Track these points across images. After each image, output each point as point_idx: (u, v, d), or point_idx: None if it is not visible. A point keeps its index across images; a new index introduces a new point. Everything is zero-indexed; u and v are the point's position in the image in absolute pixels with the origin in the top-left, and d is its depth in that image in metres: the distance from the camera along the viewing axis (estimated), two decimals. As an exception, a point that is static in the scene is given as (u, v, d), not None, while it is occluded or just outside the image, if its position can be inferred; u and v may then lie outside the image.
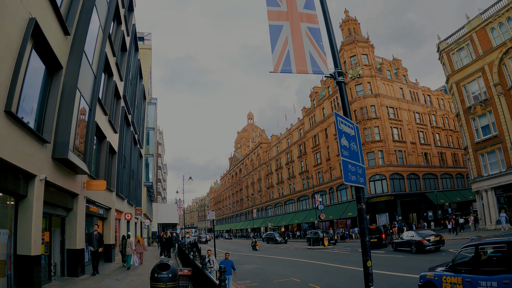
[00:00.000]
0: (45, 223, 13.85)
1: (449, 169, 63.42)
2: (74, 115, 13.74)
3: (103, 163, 21.11)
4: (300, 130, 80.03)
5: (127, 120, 31.91)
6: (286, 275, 20.22)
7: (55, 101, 12.65)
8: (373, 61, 61.30)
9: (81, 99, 14.78)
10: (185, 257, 17.22)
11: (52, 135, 12.61)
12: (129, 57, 31.19)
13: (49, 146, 12.46)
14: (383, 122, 56.37)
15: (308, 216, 69.16)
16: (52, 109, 12.46)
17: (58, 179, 13.41)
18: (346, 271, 20.45)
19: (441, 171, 61.76)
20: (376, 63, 61.82)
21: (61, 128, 12.96)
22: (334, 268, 22.06)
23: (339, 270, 21.22)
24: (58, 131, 12.91)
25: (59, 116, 13.06)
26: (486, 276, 7.90)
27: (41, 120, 12.06)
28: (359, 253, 30.39)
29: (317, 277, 19.14)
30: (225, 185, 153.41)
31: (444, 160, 63.70)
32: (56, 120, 12.95)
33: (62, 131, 12.95)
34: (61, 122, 13.01)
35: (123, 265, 22.03)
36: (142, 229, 49.05)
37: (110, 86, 23.16)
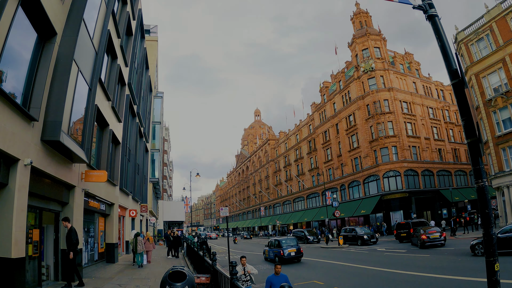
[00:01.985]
0: (34, 218, 11.75)
1: (463, 165, 61.54)
2: (70, 92, 11.66)
3: (105, 153, 19.02)
4: (309, 126, 78.19)
5: (132, 110, 30.07)
6: (307, 277, 18.12)
7: (46, 73, 10.51)
8: (385, 54, 59.62)
9: (78, 75, 12.66)
10: (198, 259, 14.90)
11: (42, 114, 10.56)
12: (134, 43, 29.29)
13: (37, 125, 10.36)
14: (397, 116, 54.58)
15: (319, 214, 67.41)
16: (42, 82, 10.31)
17: (49, 166, 11.30)
18: (372, 272, 18.48)
19: (455, 168, 59.98)
20: (388, 57, 59.98)
21: (53, 105, 10.87)
22: (357, 270, 19.88)
23: (364, 271, 19.17)
24: (49, 108, 10.83)
25: (52, 91, 11.00)
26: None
27: (29, 94, 9.93)
28: (379, 253, 28.40)
29: (341, 279, 17.33)
30: (232, 183, 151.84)
31: (458, 156, 62.02)
32: (48, 96, 10.91)
33: (54, 108, 10.86)
34: (53, 98, 10.94)
35: (133, 263, 21.77)
36: (148, 226, 47.28)
37: (114, 69, 21.18)
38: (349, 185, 62.11)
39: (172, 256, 28.58)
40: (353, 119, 60.82)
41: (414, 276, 15.89)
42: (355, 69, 60.60)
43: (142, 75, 35.31)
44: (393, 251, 28.85)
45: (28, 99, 9.90)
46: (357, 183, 59.55)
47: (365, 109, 57.48)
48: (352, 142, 61.49)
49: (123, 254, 27.71)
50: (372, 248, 33.21)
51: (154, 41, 56.25)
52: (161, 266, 21.49)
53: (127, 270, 18.81)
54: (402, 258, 23.39)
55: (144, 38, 36.91)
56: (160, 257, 28.27)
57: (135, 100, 30.55)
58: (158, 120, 53.87)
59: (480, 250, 20.14)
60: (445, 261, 20.35)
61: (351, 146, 61.52)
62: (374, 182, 55.26)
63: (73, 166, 13.73)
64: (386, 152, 54.07)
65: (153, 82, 50.54)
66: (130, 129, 29.74)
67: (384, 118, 54.69)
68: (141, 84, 34.97)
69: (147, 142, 43.12)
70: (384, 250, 30.22)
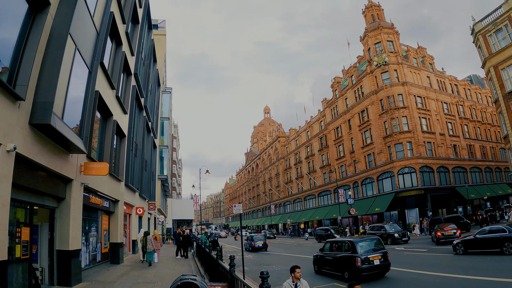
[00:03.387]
0: (23, 215, 10.26)
1: (478, 162, 59.88)
2: (65, 71, 10.21)
3: (108, 145, 17.55)
4: (321, 123, 76.56)
5: (139, 102, 28.75)
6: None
7: (36, 46, 9.03)
8: (399, 48, 57.92)
9: (76, 54, 11.21)
10: (211, 262, 13.24)
11: (31, 94, 9.13)
12: (141, 32, 27.96)
13: (24, 107, 8.91)
14: (411, 111, 52.80)
15: (331, 212, 65.84)
16: (31, 57, 8.83)
17: (39, 155, 9.82)
18: (415, 276, 16.60)
19: (470, 164, 58.13)
20: (401, 51, 58.27)
21: (44, 84, 9.41)
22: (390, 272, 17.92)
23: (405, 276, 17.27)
24: (39, 88, 9.38)
25: (43, 68, 9.56)
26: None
27: (15, 69, 8.47)
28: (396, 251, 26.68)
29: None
30: (241, 181, 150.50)
31: (472, 153, 60.19)
32: (39, 74, 9.49)
33: (45, 88, 9.39)
34: (44, 76, 9.49)
35: (142, 260, 21.96)
36: (156, 225, 46.06)
37: (119, 56, 19.80)
38: (362, 182, 60.42)
39: (181, 256, 27.16)
40: (366, 114, 59.16)
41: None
42: (368, 63, 59.00)
43: (149, 67, 34.04)
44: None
45: (14, 75, 8.44)
46: (371, 180, 57.92)
47: (378, 104, 55.86)
48: (365, 138, 59.85)
49: (129, 254, 26.33)
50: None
51: (162, 35, 55.11)
52: (169, 267, 20.04)
53: (132, 272, 17.32)
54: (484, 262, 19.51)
55: (151, 29, 35.63)
56: (169, 257, 26.86)
57: (142, 92, 29.25)
58: (167, 116, 52.72)
59: (461, 249, 21.84)
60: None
61: (364, 142, 59.90)
62: (388, 179, 53.59)
63: (70, 157, 12.28)
64: (400, 148, 52.34)
65: (161, 76, 49.35)
66: (137, 122, 28.45)
67: (398, 113, 52.96)
68: (149, 76, 33.69)
69: (155, 138, 41.84)
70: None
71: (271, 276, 17.81)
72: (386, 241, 34.03)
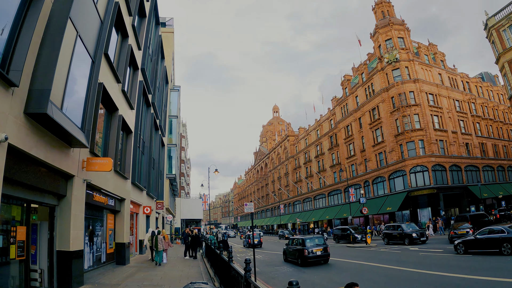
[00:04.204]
0: (19, 213, 9.53)
1: (491, 161, 58.81)
2: (64, 58, 9.47)
3: (113, 141, 16.78)
4: (330, 121, 75.78)
5: (147, 99, 28.08)
6: (338, 281, 15.65)
7: (33, 30, 8.27)
8: (410, 44, 56.98)
9: (77, 41, 10.46)
10: (222, 265, 12.29)
11: (26, 82, 8.38)
12: (148, 27, 27.29)
13: (19, 94, 8.15)
14: (423, 109, 51.98)
15: (341, 212, 65.21)
16: (27, 41, 8.07)
17: (36, 148, 9.04)
18: (415, 275, 15.82)
19: (483, 163, 57.05)
20: (412, 47, 57.20)
21: (40, 70, 8.65)
22: (397, 272, 17.04)
23: (404, 274, 16.60)
24: (36, 75, 8.61)
25: (40, 54, 8.80)
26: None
27: (8, 54, 7.70)
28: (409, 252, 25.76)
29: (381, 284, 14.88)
30: (250, 180, 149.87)
31: (485, 151, 59.10)
32: (36, 60, 8.73)
33: (42, 74, 8.61)
34: (41, 62, 8.72)
35: (151, 260, 22.09)
36: (164, 224, 45.41)
37: (124, 49, 19.10)
38: (373, 181, 59.54)
39: (189, 256, 26.37)
40: (377, 112, 58.30)
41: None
42: (379, 60, 58.12)
43: (157, 64, 33.39)
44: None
45: (7, 60, 7.68)
46: (382, 179, 57.01)
47: (389, 101, 54.97)
48: (376, 136, 58.94)
49: (136, 255, 25.61)
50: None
51: (170, 32, 54.56)
52: (177, 268, 19.22)
53: (139, 273, 16.51)
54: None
55: (159, 25, 34.97)
56: (177, 258, 26.08)
57: (150, 88, 28.60)
58: (175, 114, 52.07)
59: (462, 249, 22.20)
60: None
61: (375, 140, 59.00)
62: (400, 178, 52.70)
63: (72, 151, 11.52)
64: (412, 146, 51.46)
65: (170, 74, 48.74)
66: (144, 119, 27.80)
67: (410, 111, 52.08)
68: (156, 72, 33.05)
69: (163, 136, 41.16)
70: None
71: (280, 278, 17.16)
72: (403, 241, 32.73)
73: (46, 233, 11.15)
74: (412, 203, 50.25)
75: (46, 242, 11.11)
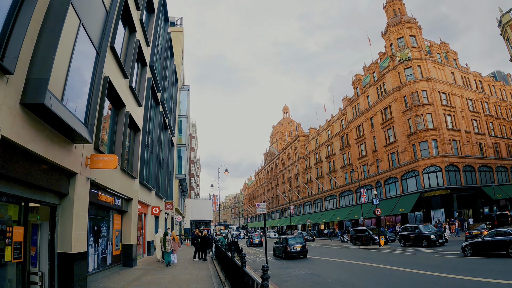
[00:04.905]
0: (16, 212, 8.88)
1: (504, 161, 57.62)
2: (66, 47, 8.90)
3: (120, 139, 16.11)
4: (341, 121, 74.92)
5: (155, 97, 27.53)
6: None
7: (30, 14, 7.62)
8: (422, 43, 56.05)
9: (80, 30, 9.84)
10: (233, 269, 11.49)
11: (24, 70, 7.76)
12: (157, 23, 26.73)
13: (15, 83, 7.50)
14: (436, 108, 50.99)
15: (352, 213, 64.31)
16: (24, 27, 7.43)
17: (34, 142, 8.38)
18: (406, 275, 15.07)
19: (496, 163, 55.94)
20: (424, 46, 56.21)
21: (39, 58, 8.01)
22: (378, 270, 16.32)
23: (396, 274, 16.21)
24: (34, 63, 7.97)
25: (39, 42, 8.17)
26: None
27: (4, 39, 7.04)
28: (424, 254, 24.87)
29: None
30: (260, 181, 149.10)
31: (498, 151, 58.00)
32: (34, 48, 8.10)
33: (40, 63, 7.97)
34: (40, 50, 8.09)
35: (161, 261, 22.12)
36: (174, 225, 44.88)
37: (132, 44, 18.48)
38: (385, 182, 58.54)
39: (199, 258, 25.74)
40: (389, 112, 57.38)
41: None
42: (390, 59, 57.25)
43: (166, 61, 32.86)
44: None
45: (2, 45, 7.03)
46: (394, 179, 56.04)
47: (402, 101, 54.08)
48: (388, 136, 58.01)
49: (144, 256, 24.99)
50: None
51: (180, 31, 54.11)
52: (186, 271, 18.50)
53: (146, 276, 15.80)
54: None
55: (167, 22, 34.36)
56: (186, 259, 25.45)
57: (159, 86, 28.04)
58: (185, 114, 51.61)
59: (469, 251, 22.04)
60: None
61: (387, 140, 58.07)
62: (412, 178, 51.73)
63: (74, 148, 10.85)
64: (425, 146, 50.50)
65: (179, 74, 48.24)
66: (153, 117, 27.27)
67: (423, 110, 51.15)
68: (166, 71, 32.51)
69: (173, 135, 40.64)
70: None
71: (295, 282, 16.42)
72: (420, 243, 31.32)
73: (47, 234, 10.49)
74: (425, 204, 49.24)
75: (47, 243, 10.45)
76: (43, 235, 10.45)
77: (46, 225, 10.53)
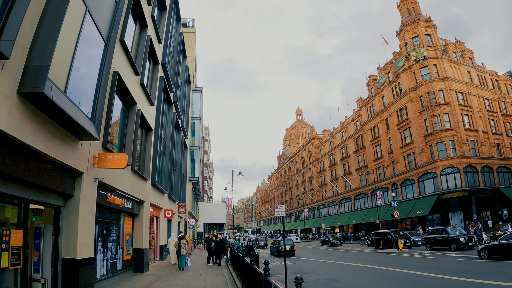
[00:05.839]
0: (15, 214, 8.09)
1: (522, 162, 55.40)
2: (70, 33, 8.14)
3: (130, 138, 15.30)
4: (356, 123, 73.61)
5: (168, 97, 26.83)
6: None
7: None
8: (437, 42, 54.72)
9: (86, 17, 9.09)
10: (253, 276, 10.49)
11: (22, 56, 7.02)
12: (169, 21, 26.05)
13: (12, 70, 6.74)
14: (453, 108, 49.54)
15: (368, 216, 62.84)
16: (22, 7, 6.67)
17: (33, 137, 7.59)
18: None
19: (514, 164, 53.86)
20: (440, 45, 54.91)
21: (39, 44, 7.26)
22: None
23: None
24: (34, 49, 7.22)
25: (40, 27, 7.44)
26: None
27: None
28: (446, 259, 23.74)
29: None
30: (273, 185, 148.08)
31: (516, 152, 55.73)
32: (35, 33, 7.36)
33: (41, 48, 7.22)
34: (41, 35, 7.35)
35: (176, 264, 21.93)
36: (187, 229, 44.12)
37: (143, 40, 17.76)
38: (402, 184, 57.11)
39: (213, 263, 24.84)
40: (404, 112, 56.13)
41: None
42: (405, 58, 56.09)
43: (179, 61, 32.21)
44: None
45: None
46: (411, 181, 54.66)
47: (418, 101, 52.85)
48: (404, 137, 56.75)
49: (156, 261, 24.18)
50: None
51: (192, 33, 53.66)
52: (200, 277, 17.53)
53: (158, 283, 14.87)
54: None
55: (179, 21, 33.69)
56: (200, 264, 24.57)
57: (171, 86, 27.33)
58: (198, 116, 50.93)
59: (485, 254, 21.39)
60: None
61: (403, 141, 56.81)
62: (430, 180, 50.33)
63: (80, 145, 10.07)
64: (443, 147, 49.08)
65: (192, 75, 47.55)
66: (166, 117, 26.58)
67: (440, 110, 49.79)
68: (178, 71, 31.86)
69: (186, 137, 39.92)
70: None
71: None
72: (449, 247, 29.09)
73: (50, 238, 9.70)
74: (443, 206, 47.79)
75: (50, 248, 9.68)
76: (46, 239, 9.68)
77: (50, 229, 9.75)
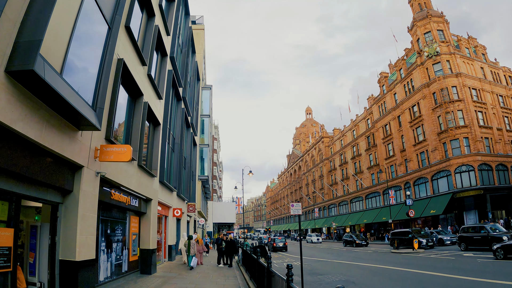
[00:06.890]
0: (5, 210, 7.17)
1: (537, 159, 54.04)
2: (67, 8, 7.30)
3: (137, 131, 14.35)
4: (367, 121, 72.54)
5: (177, 91, 26.03)
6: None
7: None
8: (450, 37, 53.63)
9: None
10: (270, 281, 9.56)
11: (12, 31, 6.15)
12: (177, 14, 25.24)
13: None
14: (467, 104, 48.44)
15: (380, 215, 61.81)
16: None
17: (23, 122, 6.66)
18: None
19: (529, 162, 52.50)
20: (452, 40, 53.76)
21: (31, 18, 6.39)
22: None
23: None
24: (25, 24, 6.34)
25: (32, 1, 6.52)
26: None
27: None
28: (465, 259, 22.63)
29: None
30: (283, 184, 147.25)
31: (531, 149, 54.38)
32: (27, 8, 6.48)
33: (33, 22, 6.34)
34: (34, 8, 6.47)
35: (188, 268, 21.06)
36: (197, 228, 43.32)
37: (150, 30, 16.86)
38: (415, 183, 55.95)
39: (224, 264, 23.91)
40: (417, 109, 55.00)
41: None
42: (418, 54, 55.02)
43: (188, 56, 31.34)
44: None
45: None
46: (424, 180, 53.48)
47: (431, 97, 51.70)
48: (417, 135, 55.57)
49: (165, 262, 23.29)
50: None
51: (201, 29, 52.74)
52: (210, 279, 16.50)
53: (166, 286, 13.81)
54: None
55: (188, 15, 32.79)
56: (210, 265, 23.61)
57: (180, 81, 26.44)
58: (207, 113, 50.11)
59: (501, 254, 20.80)
60: None
61: (416, 139, 55.64)
62: (444, 178, 49.11)
63: (80, 135, 9.16)
64: (457, 145, 47.93)
65: (201, 72, 46.78)
66: (174, 112, 25.77)
67: (453, 107, 48.63)
68: (187, 66, 31.03)
69: (195, 135, 39.14)
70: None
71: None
72: (489, 246, 25.25)
73: (47, 237, 8.82)
74: (457, 205, 46.74)
75: (47, 248, 8.79)
76: (43, 239, 8.82)
77: (46, 228, 8.86)
